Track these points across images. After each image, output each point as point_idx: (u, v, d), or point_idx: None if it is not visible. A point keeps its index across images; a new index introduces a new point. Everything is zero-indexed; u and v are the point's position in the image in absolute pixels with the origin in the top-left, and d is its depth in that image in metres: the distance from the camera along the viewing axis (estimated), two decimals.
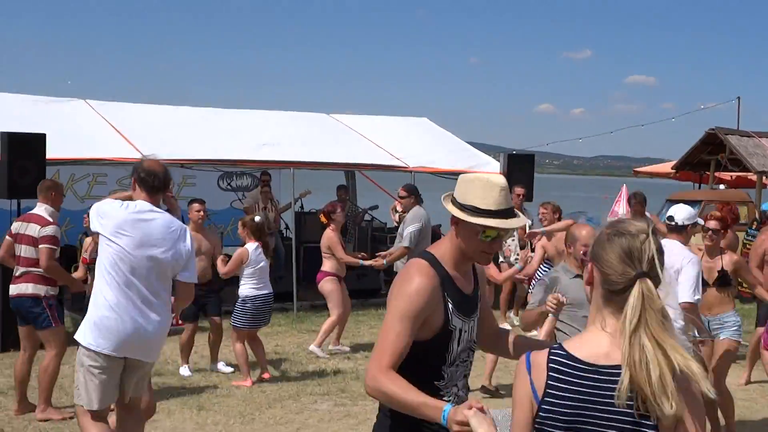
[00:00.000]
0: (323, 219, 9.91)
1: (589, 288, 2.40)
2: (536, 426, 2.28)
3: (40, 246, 6.88)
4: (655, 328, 2.19)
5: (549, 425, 2.26)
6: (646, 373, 2.15)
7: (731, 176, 21.99)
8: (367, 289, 13.07)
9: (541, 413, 2.27)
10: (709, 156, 19.13)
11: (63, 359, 7.21)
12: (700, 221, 6.69)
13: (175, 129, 12.91)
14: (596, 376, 2.24)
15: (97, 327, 4.81)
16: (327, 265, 9.74)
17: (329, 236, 9.70)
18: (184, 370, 8.66)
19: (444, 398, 3.00)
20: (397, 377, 2.84)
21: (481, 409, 2.60)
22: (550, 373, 2.27)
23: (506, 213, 3.05)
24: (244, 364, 8.34)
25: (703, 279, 6.52)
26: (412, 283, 2.97)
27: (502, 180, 3.10)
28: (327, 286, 9.73)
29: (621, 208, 19.12)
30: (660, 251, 2.29)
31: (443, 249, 3.13)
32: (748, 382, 8.97)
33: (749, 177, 20.34)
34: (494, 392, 8.08)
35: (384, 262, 9.90)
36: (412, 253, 9.29)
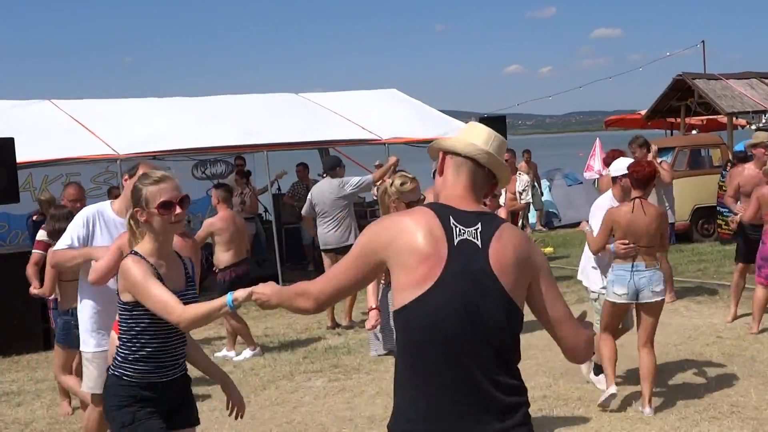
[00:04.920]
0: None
1: None
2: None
3: None
4: None
5: None
6: None
7: (702, 120, 22.13)
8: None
9: None
10: (678, 102, 19.22)
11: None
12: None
13: (144, 122, 12.82)
14: None
15: None
16: None
17: None
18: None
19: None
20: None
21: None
22: None
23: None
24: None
25: None
26: None
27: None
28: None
29: (596, 163, 19.26)
30: None
31: None
32: (735, 317, 9.09)
33: (719, 120, 20.48)
34: None
35: None
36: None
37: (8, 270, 9.49)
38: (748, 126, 19.54)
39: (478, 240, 2.68)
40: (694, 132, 21.25)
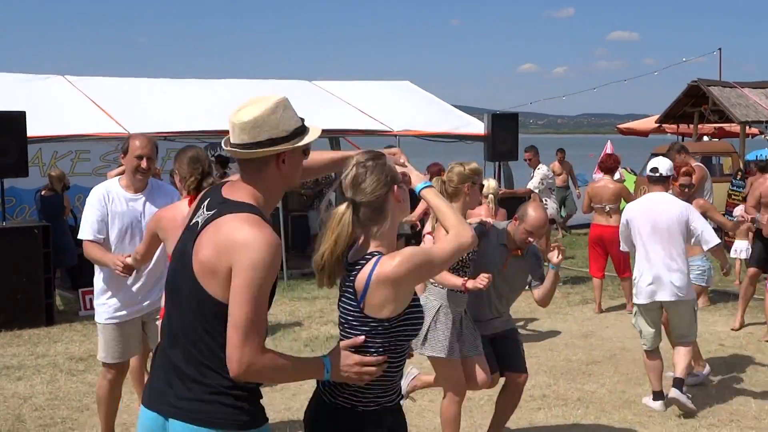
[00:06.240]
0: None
1: None
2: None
3: None
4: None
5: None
6: None
7: (714, 128, 22.04)
8: None
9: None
10: (692, 108, 19.13)
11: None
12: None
13: (156, 102, 12.83)
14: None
15: None
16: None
17: None
18: None
19: None
20: (267, 351, 2.68)
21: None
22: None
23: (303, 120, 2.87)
24: None
25: None
26: (269, 247, 2.61)
27: (279, 96, 2.85)
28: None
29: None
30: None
31: (259, 196, 2.76)
32: (742, 325, 9.06)
33: (732, 128, 20.39)
34: None
35: None
36: None
37: (14, 244, 9.52)
38: (764, 138, 19.43)
39: (200, 224, 2.72)
40: (705, 139, 21.20)
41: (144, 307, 5.24)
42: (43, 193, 11.07)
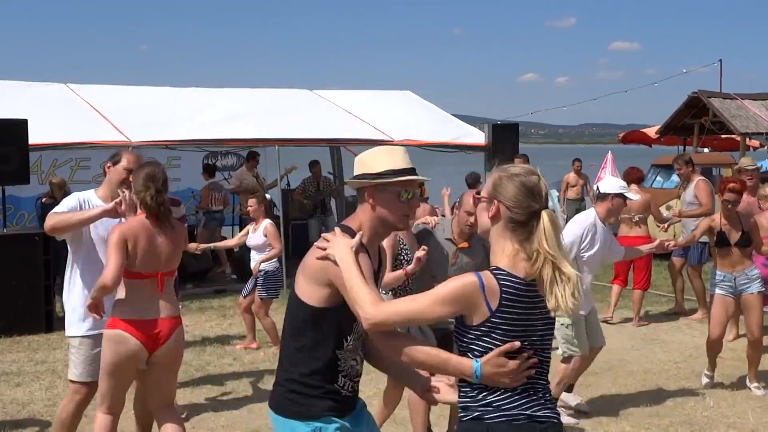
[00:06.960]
0: None
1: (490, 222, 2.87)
2: (486, 331, 2.74)
3: None
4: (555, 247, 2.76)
5: (500, 331, 2.73)
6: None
7: (715, 139, 22.05)
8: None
9: (493, 319, 2.73)
10: (692, 120, 19.15)
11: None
12: (631, 196, 6.83)
13: (157, 110, 12.85)
14: (531, 290, 2.75)
15: None
16: None
17: None
18: None
19: (339, 368, 3.23)
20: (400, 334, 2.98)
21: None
22: (503, 290, 2.72)
23: (414, 171, 3.19)
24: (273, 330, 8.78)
25: (726, 239, 7.17)
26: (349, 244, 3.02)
27: (399, 147, 3.28)
28: None
29: (607, 175, 19.20)
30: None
31: (360, 223, 3.16)
32: (736, 337, 9.08)
33: (733, 139, 20.41)
34: None
35: None
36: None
37: (15, 251, 9.54)
38: (766, 150, 19.42)
39: None
40: (705, 150, 21.20)
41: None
42: (43, 200, 11.10)
